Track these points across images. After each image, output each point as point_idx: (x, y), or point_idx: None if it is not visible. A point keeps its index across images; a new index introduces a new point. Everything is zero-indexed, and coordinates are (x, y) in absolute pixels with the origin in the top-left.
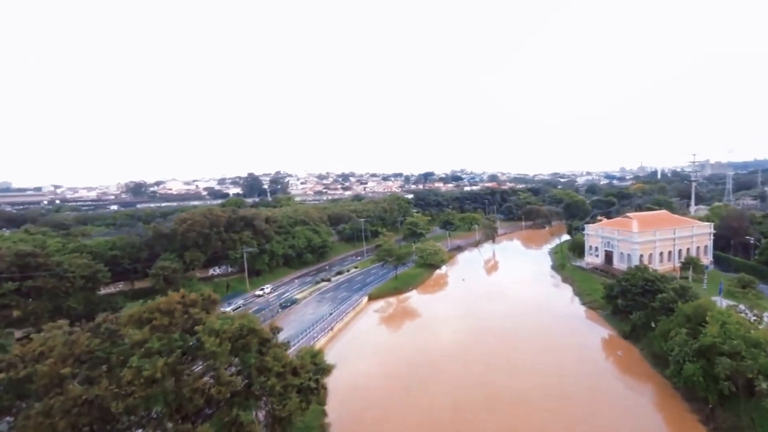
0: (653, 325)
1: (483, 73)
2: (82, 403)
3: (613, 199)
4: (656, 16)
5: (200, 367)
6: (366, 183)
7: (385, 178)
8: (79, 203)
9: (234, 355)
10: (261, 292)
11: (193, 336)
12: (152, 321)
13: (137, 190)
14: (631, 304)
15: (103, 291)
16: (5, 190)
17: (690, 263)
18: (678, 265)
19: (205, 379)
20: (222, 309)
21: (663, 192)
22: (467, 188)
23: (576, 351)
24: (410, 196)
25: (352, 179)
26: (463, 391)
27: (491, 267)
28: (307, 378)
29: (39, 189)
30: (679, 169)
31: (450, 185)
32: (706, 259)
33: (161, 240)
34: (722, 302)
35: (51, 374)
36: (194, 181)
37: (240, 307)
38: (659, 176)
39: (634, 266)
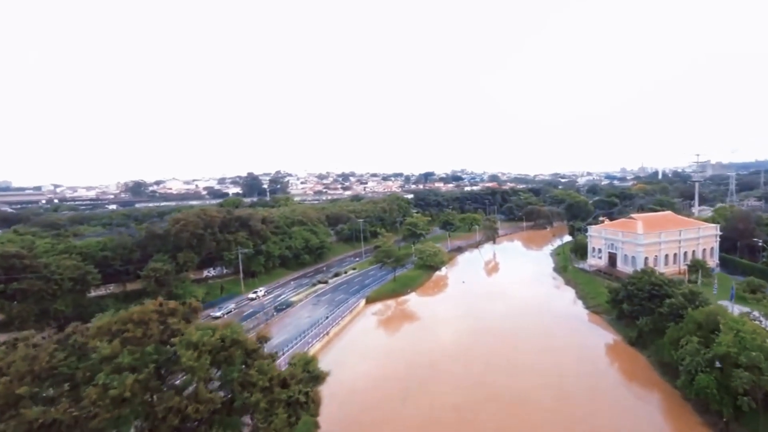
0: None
1: (483, 73)
2: (38, 427)
3: (615, 199)
4: (656, 16)
5: (178, 382)
6: (366, 183)
7: (385, 178)
8: (77, 203)
9: (216, 368)
10: (255, 295)
11: (172, 348)
12: (124, 333)
13: (137, 189)
14: (637, 309)
15: (93, 293)
16: (5, 189)
17: (696, 266)
18: (683, 267)
19: (183, 395)
20: (214, 313)
21: (665, 192)
22: (467, 188)
23: (576, 351)
24: (410, 196)
25: (352, 179)
26: (463, 391)
27: (492, 268)
28: (297, 390)
29: (38, 188)
30: (680, 170)
31: (450, 185)
32: (712, 262)
33: (154, 241)
34: (734, 308)
35: (6, 394)
36: (194, 180)
37: (231, 311)
38: (660, 177)
39: (640, 269)
